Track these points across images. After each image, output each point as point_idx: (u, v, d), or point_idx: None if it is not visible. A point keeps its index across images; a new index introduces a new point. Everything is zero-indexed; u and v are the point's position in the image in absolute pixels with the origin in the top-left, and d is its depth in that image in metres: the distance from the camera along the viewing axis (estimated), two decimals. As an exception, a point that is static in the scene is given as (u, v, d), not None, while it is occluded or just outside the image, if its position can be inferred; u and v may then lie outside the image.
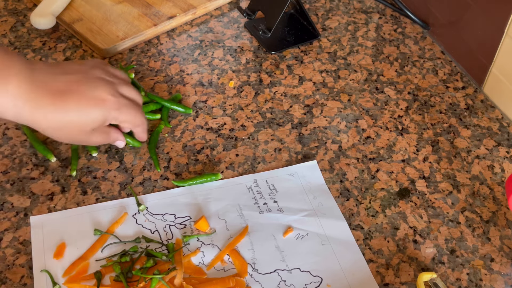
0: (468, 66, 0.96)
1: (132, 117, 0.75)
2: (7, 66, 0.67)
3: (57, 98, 0.69)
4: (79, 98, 0.70)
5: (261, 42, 1.00)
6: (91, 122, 0.71)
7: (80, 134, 0.72)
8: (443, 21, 0.99)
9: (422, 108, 0.91)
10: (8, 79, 0.66)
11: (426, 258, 0.73)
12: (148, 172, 0.81)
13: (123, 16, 1.01)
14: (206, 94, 0.92)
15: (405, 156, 0.84)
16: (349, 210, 0.78)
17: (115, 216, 0.75)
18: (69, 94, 0.70)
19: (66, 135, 0.72)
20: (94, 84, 0.72)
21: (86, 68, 0.74)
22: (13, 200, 0.77)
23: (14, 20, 1.03)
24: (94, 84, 0.72)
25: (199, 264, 0.71)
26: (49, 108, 0.68)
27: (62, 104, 0.69)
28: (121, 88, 0.75)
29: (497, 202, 0.79)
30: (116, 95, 0.73)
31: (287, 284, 0.70)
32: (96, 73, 0.74)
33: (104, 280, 0.69)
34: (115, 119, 0.74)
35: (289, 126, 0.88)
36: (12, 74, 0.67)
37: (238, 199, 0.78)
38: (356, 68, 0.97)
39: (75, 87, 0.70)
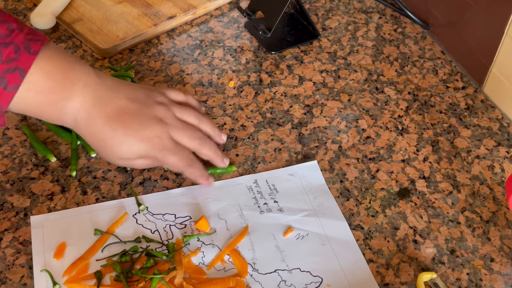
0: (468, 66, 0.96)
1: (189, 134, 0.74)
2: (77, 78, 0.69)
3: (110, 121, 0.70)
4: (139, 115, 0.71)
5: (261, 42, 1.00)
6: (130, 153, 0.71)
7: (121, 160, 0.72)
8: (443, 21, 0.99)
9: (422, 108, 0.91)
10: (74, 93, 0.68)
11: (426, 258, 0.73)
12: (148, 172, 0.81)
13: (123, 16, 1.01)
14: (206, 94, 0.92)
15: (405, 156, 0.84)
16: (349, 210, 0.78)
17: (115, 216, 0.75)
18: (120, 123, 0.70)
19: (108, 156, 0.72)
20: (147, 122, 0.72)
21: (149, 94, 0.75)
22: (13, 200, 0.77)
23: (14, 20, 1.03)
24: (147, 122, 0.72)
25: (199, 264, 0.71)
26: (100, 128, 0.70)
27: (111, 130, 0.70)
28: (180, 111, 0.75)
29: (497, 202, 0.79)
30: (164, 136, 0.72)
31: (287, 284, 0.70)
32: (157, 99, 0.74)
33: (104, 280, 0.69)
34: (158, 161, 0.73)
35: (289, 126, 0.88)
36: (79, 88, 0.69)
37: (238, 199, 0.78)
38: (356, 68, 0.97)
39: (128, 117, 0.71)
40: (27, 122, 0.86)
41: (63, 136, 0.84)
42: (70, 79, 0.68)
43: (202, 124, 0.77)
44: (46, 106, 0.68)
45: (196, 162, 0.75)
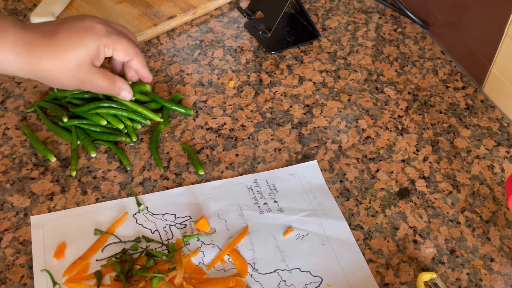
0: (468, 66, 0.96)
1: (125, 46, 0.75)
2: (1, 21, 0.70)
3: (48, 37, 0.71)
4: (69, 32, 0.72)
5: (261, 42, 1.00)
6: (85, 51, 0.72)
7: (81, 71, 0.72)
8: (443, 21, 0.99)
9: (422, 108, 0.91)
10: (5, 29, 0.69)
11: (426, 258, 0.73)
12: (148, 172, 0.81)
13: (123, 16, 1.01)
14: (206, 94, 0.92)
15: (405, 156, 0.84)
16: (349, 210, 0.78)
17: (115, 216, 0.75)
18: (59, 30, 0.71)
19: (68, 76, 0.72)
20: (81, 18, 0.74)
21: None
22: (13, 200, 0.77)
23: (14, 20, 1.03)
24: (82, 17, 0.74)
25: (199, 264, 0.71)
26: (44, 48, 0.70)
27: (55, 41, 0.70)
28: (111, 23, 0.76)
29: (497, 202, 0.79)
30: (104, 24, 0.74)
31: (287, 284, 0.70)
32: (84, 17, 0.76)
33: (104, 280, 0.69)
34: (108, 46, 0.73)
35: (289, 126, 0.88)
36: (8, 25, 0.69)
37: (238, 199, 0.78)
38: (356, 68, 0.97)
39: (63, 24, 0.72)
40: (27, 122, 0.86)
41: (63, 136, 0.84)
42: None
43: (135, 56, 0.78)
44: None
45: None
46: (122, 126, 0.84)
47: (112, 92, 0.77)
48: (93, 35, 0.72)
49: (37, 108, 0.87)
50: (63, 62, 0.71)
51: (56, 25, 0.72)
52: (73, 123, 0.84)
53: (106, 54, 0.74)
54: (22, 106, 0.89)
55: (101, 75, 0.74)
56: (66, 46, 0.71)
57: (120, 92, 0.78)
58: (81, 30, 0.72)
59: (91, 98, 0.87)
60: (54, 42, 0.70)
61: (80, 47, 0.71)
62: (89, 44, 0.72)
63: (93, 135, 0.84)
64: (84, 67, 0.72)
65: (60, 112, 0.84)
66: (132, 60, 0.77)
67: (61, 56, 0.70)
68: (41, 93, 0.90)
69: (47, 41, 0.70)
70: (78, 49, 0.71)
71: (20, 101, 0.89)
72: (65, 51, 0.71)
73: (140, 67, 0.79)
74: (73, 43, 0.71)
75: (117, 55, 0.75)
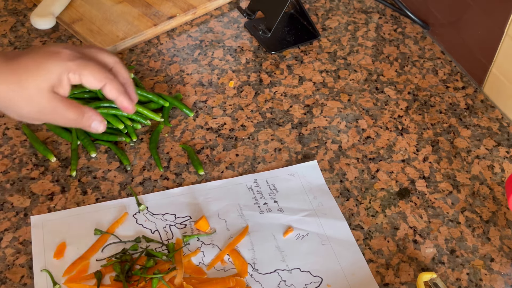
0: (468, 66, 0.96)
1: (93, 70, 0.65)
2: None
3: (9, 61, 0.64)
4: (32, 56, 0.65)
5: (261, 42, 1.00)
6: (46, 77, 0.64)
7: (41, 99, 0.64)
8: (443, 21, 0.99)
9: (422, 108, 0.91)
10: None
11: (426, 258, 0.73)
12: (148, 172, 0.81)
13: (123, 16, 1.01)
14: (206, 94, 0.92)
15: (405, 156, 0.84)
16: (349, 210, 0.78)
17: (115, 216, 0.75)
18: (23, 55, 0.65)
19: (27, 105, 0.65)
20: (50, 44, 0.67)
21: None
22: (13, 200, 0.77)
23: (14, 20, 1.03)
24: (51, 44, 0.68)
25: (199, 264, 0.71)
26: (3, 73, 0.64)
27: (15, 65, 0.64)
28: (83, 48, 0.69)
29: (497, 202, 0.79)
30: (73, 49, 0.66)
31: (287, 284, 0.70)
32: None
33: (104, 280, 0.69)
34: (73, 71, 0.65)
35: (289, 126, 0.88)
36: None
37: (238, 199, 0.78)
38: (356, 68, 0.97)
39: (30, 50, 0.66)
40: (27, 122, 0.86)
41: (63, 136, 0.84)
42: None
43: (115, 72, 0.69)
44: None
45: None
46: (122, 126, 0.84)
47: (81, 125, 0.67)
48: (57, 60, 0.64)
49: (37, 108, 0.87)
50: (21, 88, 0.63)
51: (22, 52, 0.66)
52: (73, 123, 0.84)
53: (72, 81, 0.65)
54: (22, 106, 0.89)
55: (66, 104, 0.65)
56: (26, 70, 0.63)
57: (90, 123, 0.68)
58: (45, 54, 0.65)
59: (91, 98, 0.87)
60: (14, 66, 0.63)
61: (41, 72, 0.63)
62: (51, 68, 0.64)
63: (93, 135, 0.84)
64: (45, 95, 0.64)
65: (60, 112, 0.84)
66: (105, 87, 0.67)
67: (19, 82, 0.63)
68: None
69: (7, 65, 0.64)
70: (39, 74, 0.63)
71: (20, 101, 0.89)
72: (25, 76, 0.63)
73: (115, 94, 0.67)
74: (33, 67, 0.63)
75: (86, 81, 0.66)
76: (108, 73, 0.67)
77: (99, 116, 0.68)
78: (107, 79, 0.67)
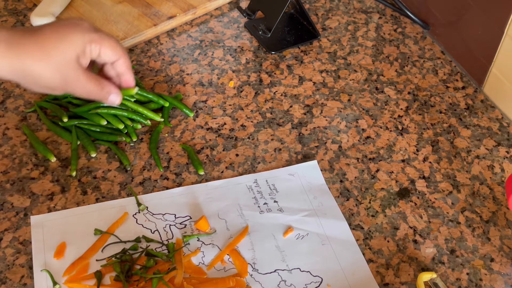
0: (468, 66, 0.96)
1: (113, 43, 0.70)
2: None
3: (33, 35, 0.66)
4: (54, 29, 0.67)
5: (261, 42, 1.00)
6: (71, 47, 0.67)
7: (66, 69, 0.67)
8: (443, 21, 0.99)
9: (422, 108, 0.91)
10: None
11: (426, 258, 0.73)
12: (148, 172, 0.81)
13: (123, 16, 1.01)
14: (206, 94, 0.92)
15: (405, 156, 0.84)
16: (349, 210, 0.78)
17: (115, 216, 0.75)
18: (44, 29, 0.67)
19: (52, 75, 0.67)
20: (68, 19, 0.71)
21: None
22: (13, 200, 0.77)
23: (14, 20, 1.03)
24: (68, 19, 0.70)
25: (199, 264, 0.71)
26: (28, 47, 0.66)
27: (39, 38, 0.66)
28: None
29: (497, 202, 0.79)
30: (90, 23, 0.70)
31: (287, 284, 0.70)
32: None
33: (104, 280, 0.69)
34: (95, 42, 0.68)
35: (289, 126, 0.88)
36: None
37: (238, 199, 0.78)
38: (356, 68, 0.97)
39: (49, 25, 0.68)
40: (27, 122, 0.86)
41: (63, 136, 0.84)
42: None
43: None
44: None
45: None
46: (122, 126, 0.84)
47: (99, 97, 0.71)
48: (80, 31, 0.67)
49: (37, 108, 0.87)
50: (47, 59, 0.66)
51: (42, 26, 0.68)
52: (73, 123, 0.84)
53: (93, 52, 0.69)
54: (22, 106, 0.89)
55: (88, 76, 0.69)
56: (51, 42, 0.66)
57: (107, 96, 0.72)
58: (66, 26, 0.68)
59: (91, 98, 0.87)
60: (38, 39, 0.66)
61: (66, 42, 0.66)
62: (75, 39, 0.67)
63: (93, 135, 0.84)
64: (70, 65, 0.67)
65: (60, 112, 0.84)
66: (119, 60, 0.71)
67: (45, 53, 0.66)
68: (41, 93, 0.90)
69: (31, 39, 0.66)
70: (64, 44, 0.66)
71: (20, 101, 0.89)
72: (50, 47, 0.66)
73: (126, 69, 0.73)
74: (58, 39, 0.66)
75: (104, 52, 0.70)
76: (123, 48, 0.71)
77: (116, 89, 0.72)
78: (122, 52, 0.71)
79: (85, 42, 0.68)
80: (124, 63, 0.72)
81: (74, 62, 0.67)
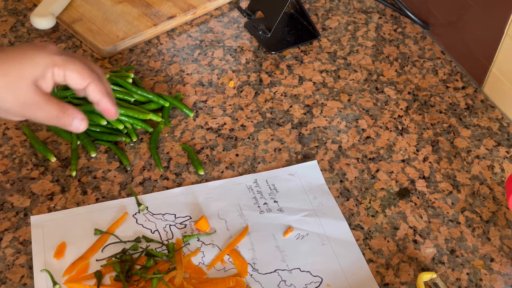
0: (468, 66, 0.96)
1: (80, 67, 0.64)
2: None
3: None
4: (18, 48, 0.63)
5: (261, 42, 1.00)
6: (31, 68, 0.62)
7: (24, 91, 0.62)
8: (443, 21, 0.99)
9: (422, 108, 0.91)
10: None
11: (426, 258, 0.73)
12: (148, 172, 0.81)
13: (123, 16, 1.01)
14: (206, 94, 0.92)
15: (405, 156, 0.84)
16: (349, 210, 0.78)
17: (115, 216, 0.75)
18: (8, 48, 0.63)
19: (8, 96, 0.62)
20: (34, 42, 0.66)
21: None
22: (13, 200, 0.77)
23: (14, 20, 1.03)
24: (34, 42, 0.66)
25: (199, 264, 0.71)
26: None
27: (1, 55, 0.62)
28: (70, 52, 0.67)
29: (497, 202, 0.79)
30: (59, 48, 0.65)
31: (287, 284, 0.70)
32: None
33: (104, 280, 0.69)
34: (59, 66, 0.63)
35: (289, 126, 0.88)
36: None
37: (238, 199, 0.78)
38: (356, 68, 0.97)
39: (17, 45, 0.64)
40: (27, 122, 0.86)
41: (63, 136, 0.84)
42: None
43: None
44: None
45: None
46: (122, 127, 0.84)
47: (61, 122, 0.65)
48: (43, 53, 0.63)
49: (37, 108, 0.87)
50: (5, 76, 0.61)
51: (7, 47, 0.64)
52: (73, 123, 0.84)
53: (56, 76, 0.63)
54: (22, 106, 0.89)
55: (48, 100, 0.63)
56: (10, 62, 0.61)
57: (71, 121, 0.65)
58: (30, 48, 0.63)
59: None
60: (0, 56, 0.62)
61: (25, 63, 0.62)
62: (36, 60, 0.62)
63: (93, 135, 0.84)
64: (28, 86, 0.62)
65: (60, 112, 0.84)
66: (89, 86, 0.65)
67: (3, 71, 0.61)
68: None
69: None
70: (23, 65, 0.61)
71: (20, 101, 0.89)
72: (7, 66, 0.61)
73: (99, 96, 0.65)
74: (18, 59, 0.62)
75: (69, 77, 0.64)
76: (93, 73, 0.65)
77: (80, 114, 0.66)
78: (92, 77, 0.64)
79: (47, 65, 0.62)
80: (95, 90, 0.65)
81: (30, 84, 0.62)
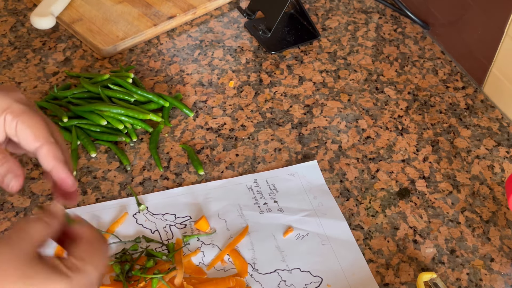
0: (468, 66, 0.96)
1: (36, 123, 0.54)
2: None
3: None
4: None
5: (261, 42, 1.00)
6: None
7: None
8: (443, 21, 0.99)
9: (422, 108, 0.91)
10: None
11: (426, 258, 0.73)
12: (148, 172, 0.81)
13: (123, 16, 1.01)
14: (206, 94, 0.92)
15: (405, 156, 0.84)
16: (349, 210, 0.78)
17: (115, 216, 0.75)
18: None
19: None
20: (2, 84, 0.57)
21: None
22: (13, 200, 0.77)
23: (14, 20, 1.03)
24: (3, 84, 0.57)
25: (199, 264, 0.71)
26: None
27: None
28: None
29: (497, 202, 0.79)
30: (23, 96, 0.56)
31: (287, 284, 0.70)
32: None
33: (104, 280, 0.69)
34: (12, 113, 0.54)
35: (289, 126, 0.88)
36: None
37: (238, 199, 0.78)
38: (356, 68, 0.97)
39: None
40: (27, 122, 0.86)
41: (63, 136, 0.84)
42: None
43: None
44: None
45: None
46: (122, 127, 0.84)
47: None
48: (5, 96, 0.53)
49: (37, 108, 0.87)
50: None
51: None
52: (73, 123, 0.84)
53: (7, 125, 0.53)
54: (22, 106, 0.88)
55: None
56: None
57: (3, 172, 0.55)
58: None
59: (91, 98, 0.87)
60: None
61: None
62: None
63: (93, 135, 0.84)
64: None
65: (60, 112, 0.84)
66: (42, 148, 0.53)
67: None
68: (41, 93, 0.90)
69: None
70: None
71: (20, 101, 0.89)
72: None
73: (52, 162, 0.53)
74: None
75: (20, 132, 0.53)
76: (50, 135, 0.54)
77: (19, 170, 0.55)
78: (47, 139, 0.53)
79: (2, 109, 0.53)
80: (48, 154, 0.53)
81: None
